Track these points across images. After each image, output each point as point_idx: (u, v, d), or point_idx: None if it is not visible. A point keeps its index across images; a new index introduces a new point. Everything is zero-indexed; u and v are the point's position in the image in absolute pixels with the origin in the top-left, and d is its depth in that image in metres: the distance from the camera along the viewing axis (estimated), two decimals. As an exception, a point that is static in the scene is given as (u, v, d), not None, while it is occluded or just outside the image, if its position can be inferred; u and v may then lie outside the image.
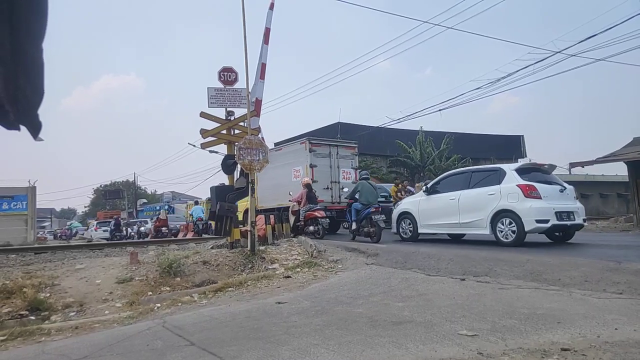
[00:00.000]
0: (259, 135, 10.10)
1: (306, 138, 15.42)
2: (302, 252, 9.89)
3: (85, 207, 78.53)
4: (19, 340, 5.36)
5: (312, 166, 14.56)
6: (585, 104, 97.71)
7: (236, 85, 10.56)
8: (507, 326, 4.14)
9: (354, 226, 11.68)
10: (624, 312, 4.42)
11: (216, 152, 15.17)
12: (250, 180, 9.36)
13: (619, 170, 23.32)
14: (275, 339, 4.25)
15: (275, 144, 18.38)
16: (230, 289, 7.37)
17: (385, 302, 5.50)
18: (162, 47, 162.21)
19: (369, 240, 10.95)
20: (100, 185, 69.84)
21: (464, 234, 10.62)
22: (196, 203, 30.75)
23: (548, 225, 8.64)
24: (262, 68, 10.62)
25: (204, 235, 18.89)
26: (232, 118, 10.61)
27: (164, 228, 24.29)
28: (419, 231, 10.79)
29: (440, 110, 23.05)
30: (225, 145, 10.65)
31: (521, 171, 9.28)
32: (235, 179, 10.48)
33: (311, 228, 12.56)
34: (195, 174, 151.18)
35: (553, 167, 10.23)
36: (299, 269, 8.39)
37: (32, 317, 6.41)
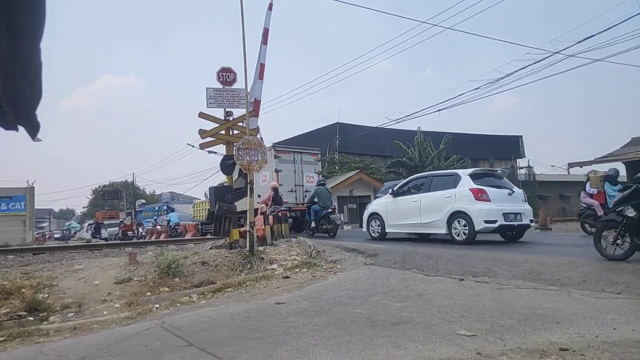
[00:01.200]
0: (258, 136, 10.08)
1: (272, 145, 16.61)
2: (300, 252, 9.89)
3: (83, 207, 78.41)
4: (17, 341, 5.35)
5: (277, 171, 15.90)
6: (584, 104, 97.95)
7: (235, 86, 10.56)
8: (505, 326, 4.15)
9: (313, 224, 13.80)
10: (622, 312, 4.43)
11: (215, 153, 15.19)
12: (248, 181, 9.36)
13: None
14: (274, 340, 4.25)
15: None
16: (229, 289, 7.37)
17: (384, 303, 5.50)
18: (161, 48, 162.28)
19: (326, 236, 12.91)
20: (99, 186, 69.74)
21: (430, 234, 11.34)
22: (172, 210, 34.25)
23: (496, 225, 9.50)
24: (261, 68, 10.60)
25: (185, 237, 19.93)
26: (231, 118, 10.60)
27: (129, 232, 28.22)
28: (387, 230, 11.59)
29: (439, 110, 23.07)
30: (224, 146, 10.64)
31: (474, 176, 10.19)
32: (234, 179, 10.47)
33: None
34: (194, 175, 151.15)
35: (505, 172, 11.52)
36: (297, 270, 8.39)
37: (31, 318, 6.39)
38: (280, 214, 13.23)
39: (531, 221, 10.46)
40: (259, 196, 14.95)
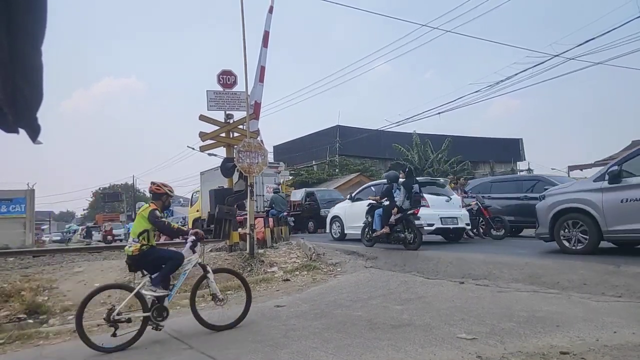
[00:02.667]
0: (258, 138, 10.08)
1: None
2: (301, 255, 9.87)
3: (84, 210, 78.42)
4: (16, 343, 5.34)
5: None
6: (584, 107, 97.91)
7: (235, 88, 10.58)
8: (506, 329, 4.14)
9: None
10: (622, 315, 4.42)
11: (215, 155, 15.33)
12: (249, 184, 9.35)
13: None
14: (274, 342, 4.24)
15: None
16: (229, 292, 7.34)
17: (384, 305, 5.49)
18: (161, 50, 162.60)
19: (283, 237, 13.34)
20: (99, 188, 69.76)
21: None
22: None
23: (433, 227, 10.44)
24: (262, 71, 10.62)
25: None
26: (231, 121, 10.61)
27: (109, 237, 32.60)
28: (345, 232, 12.58)
29: (439, 113, 23.08)
30: (224, 148, 10.65)
31: (422, 185, 10.83)
32: (234, 181, 10.47)
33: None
34: (194, 177, 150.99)
35: (447, 181, 12.77)
36: (297, 272, 8.38)
37: (30, 321, 6.38)
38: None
39: (467, 225, 11.30)
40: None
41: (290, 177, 28.98)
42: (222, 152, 11.12)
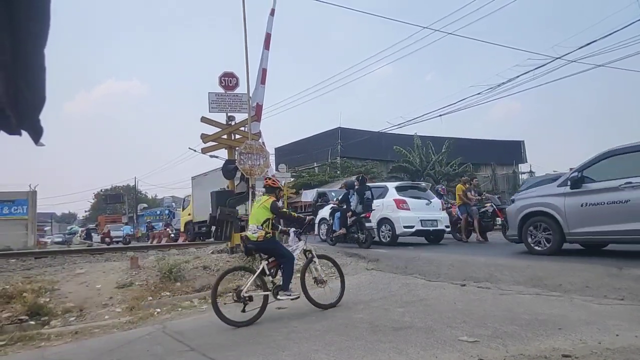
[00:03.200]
0: (260, 140, 10.09)
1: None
2: (302, 257, 9.85)
3: (85, 211, 78.54)
4: (18, 345, 5.35)
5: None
6: (586, 109, 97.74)
7: (237, 90, 10.58)
8: (508, 332, 4.13)
9: None
10: (625, 318, 4.41)
11: (217, 157, 15.44)
12: (250, 185, 9.36)
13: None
14: (276, 344, 4.24)
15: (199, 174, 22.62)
16: (230, 294, 7.35)
17: (386, 308, 5.48)
18: (164, 52, 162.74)
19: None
20: (101, 190, 69.88)
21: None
22: (126, 224, 39.19)
23: (413, 229, 11.12)
24: (263, 73, 10.63)
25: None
26: (233, 123, 10.62)
27: (107, 239, 32.66)
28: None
29: (440, 115, 23.08)
30: (226, 150, 10.66)
31: (400, 189, 12.04)
32: (235, 183, 10.48)
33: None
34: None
35: (428, 184, 13.97)
36: (299, 274, 8.36)
37: (32, 322, 6.39)
38: None
39: (447, 227, 11.95)
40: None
41: (292, 179, 28.99)
42: (223, 154, 11.13)
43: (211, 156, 13.24)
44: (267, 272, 5.48)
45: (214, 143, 10.51)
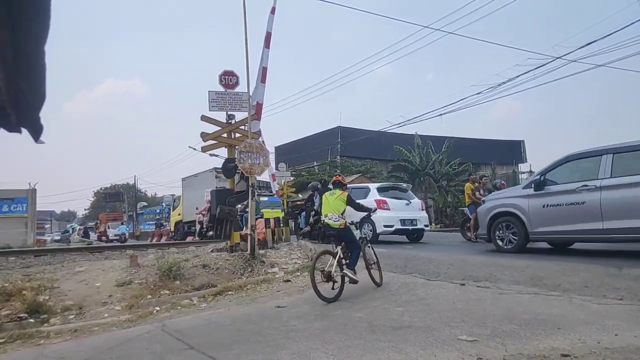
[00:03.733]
0: (260, 139, 10.09)
1: (213, 168, 20.29)
2: (302, 256, 9.88)
3: (85, 209, 78.52)
4: (17, 343, 5.35)
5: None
6: (586, 109, 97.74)
7: (237, 89, 10.57)
8: (507, 331, 4.13)
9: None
10: (624, 318, 4.41)
11: (216, 156, 15.50)
12: (250, 184, 9.36)
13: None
14: (275, 343, 4.24)
15: (184, 177, 24.05)
16: (229, 292, 7.36)
17: (385, 307, 5.49)
18: (164, 51, 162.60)
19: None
20: (101, 188, 69.86)
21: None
22: (121, 224, 40.93)
23: (393, 229, 11.82)
24: (263, 72, 10.63)
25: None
26: (233, 121, 10.61)
27: (103, 237, 34.43)
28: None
29: (441, 114, 23.10)
30: (226, 149, 10.65)
31: (381, 189, 12.72)
32: (235, 182, 10.48)
33: (210, 233, 16.18)
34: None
35: (409, 185, 14.54)
36: (298, 273, 8.38)
37: (31, 320, 6.39)
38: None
39: (425, 226, 12.81)
40: (197, 208, 19.28)
41: (292, 178, 28.99)
42: (223, 152, 11.13)
43: (211, 155, 13.28)
44: (342, 256, 6.32)
45: (213, 142, 10.51)
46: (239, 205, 15.79)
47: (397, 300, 5.85)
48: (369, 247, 7.06)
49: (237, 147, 9.53)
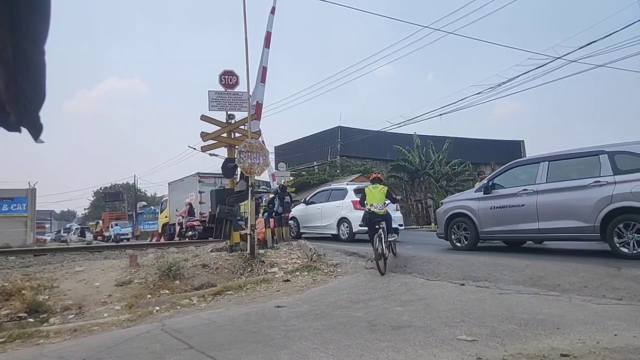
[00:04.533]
0: (260, 139, 10.10)
1: (197, 173, 22.24)
2: (301, 255, 9.88)
3: (85, 209, 78.45)
4: (17, 342, 5.35)
5: (200, 192, 21.00)
6: (586, 109, 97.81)
7: (237, 89, 10.57)
8: (506, 331, 4.14)
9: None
10: (623, 318, 4.41)
11: (216, 156, 15.54)
12: (250, 184, 9.36)
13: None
14: (274, 343, 4.24)
15: (170, 182, 25.74)
16: (229, 292, 7.36)
17: (385, 307, 5.49)
18: (163, 50, 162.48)
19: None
20: (100, 188, 69.75)
21: (327, 234, 13.80)
22: (115, 224, 40.08)
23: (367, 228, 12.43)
24: (263, 71, 10.64)
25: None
26: (233, 121, 10.61)
27: (99, 237, 34.92)
28: (301, 231, 14.55)
29: (441, 114, 23.09)
30: (226, 149, 10.65)
31: (357, 191, 12.76)
32: (235, 182, 10.48)
33: (189, 233, 18.69)
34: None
35: (385, 187, 15.19)
36: (298, 273, 8.38)
37: (31, 320, 6.39)
38: (195, 224, 18.68)
39: (400, 225, 13.24)
40: (177, 210, 20.91)
41: (292, 178, 28.97)
42: (223, 152, 11.13)
43: (211, 154, 13.24)
44: (383, 234, 7.82)
45: (213, 141, 10.51)
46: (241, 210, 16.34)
47: (396, 299, 5.85)
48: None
49: (237, 146, 9.53)
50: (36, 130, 1.41)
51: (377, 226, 8.03)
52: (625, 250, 6.99)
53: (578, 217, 7.46)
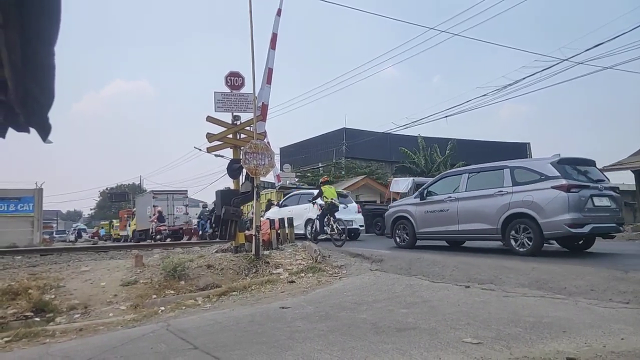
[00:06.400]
0: (265, 140, 10.10)
1: (151, 191, 30.28)
2: (306, 257, 9.88)
3: (91, 209, 78.81)
4: (23, 341, 5.38)
5: (154, 206, 25.64)
6: (592, 112, 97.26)
7: (243, 90, 10.59)
8: (512, 334, 4.12)
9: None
10: (630, 321, 4.38)
11: (222, 156, 15.74)
12: (255, 185, 9.37)
13: (626, 179, 23.18)
14: (279, 344, 4.24)
15: (156, 191, 29.80)
16: (234, 293, 7.37)
17: (390, 309, 5.48)
18: (169, 52, 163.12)
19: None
20: (106, 188, 70.05)
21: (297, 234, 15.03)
22: (101, 227, 46.96)
23: None
24: (269, 73, 10.65)
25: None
26: (238, 122, 10.63)
27: (95, 237, 38.51)
28: None
29: (446, 116, 23.05)
30: (231, 150, 10.68)
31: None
32: (240, 183, 10.50)
33: (158, 237, 22.87)
34: (201, 178, 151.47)
35: (349, 192, 18.20)
36: (303, 274, 8.38)
37: (37, 319, 6.43)
38: (161, 228, 23.51)
39: (360, 226, 15.58)
40: (150, 217, 25.18)
41: (297, 179, 29.02)
42: (228, 153, 11.15)
43: (216, 155, 13.32)
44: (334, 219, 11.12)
45: (219, 142, 10.53)
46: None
47: (401, 302, 5.83)
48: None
49: (242, 147, 9.55)
50: (45, 131, 1.42)
51: (334, 213, 11.39)
52: (518, 248, 8.46)
53: (486, 221, 8.94)
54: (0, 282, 7.59)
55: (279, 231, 12.29)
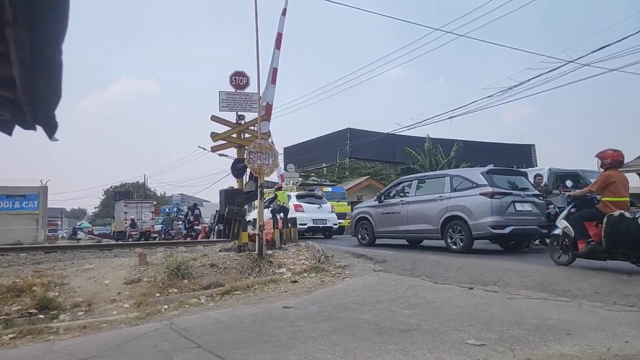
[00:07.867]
0: (269, 140, 10.12)
1: (123, 199, 34.56)
2: (309, 257, 9.88)
3: (95, 207, 79.09)
4: (27, 338, 5.41)
5: (125, 212, 31.35)
6: (598, 113, 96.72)
7: (247, 90, 10.61)
8: (515, 336, 4.11)
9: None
10: (634, 325, 4.36)
11: (226, 156, 15.86)
12: (259, 185, 9.38)
13: (633, 182, 23.04)
14: (282, 344, 4.25)
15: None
16: (237, 292, 7.38)
17: (393, 309, 5.47)
18: (176, 52, 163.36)
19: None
20: (111, 187, 70.23)
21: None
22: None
23: (306, 226, 15.50)
24: (274, 73, 10.68)
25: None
26: (243, 122, 10.65)
27: (91, 235, 40.72)
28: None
29: (451, 117, 22.96)
30: (235, 149, 10.69)
31: (300, 196, 16.73)
32: (244, 182, 10.52)
33: (130, 240, 25.73)
34: (205, 177, 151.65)
35: (323, 194, 18.79)
36: (306, 274, 8.39)
37: (41, 316, 6.45)
38: (133, 233, 28.66)
39: (334, 224, 16.65)
40: (125, 221, 29.95)
41: (300, 179, 29.04)
42: (233, 152, 11.18)
43: (220, 155, 13.37)
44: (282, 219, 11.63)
45: (223, 142, 10.55)
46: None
47: (404, 302, 5.83)
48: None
49: (246, 147, 9.57)
50: (51, 129, 1.43)
51: (282, 214, 12.48)
52: (453, 246, 9.64)
53: (429, 222, 10.14)
54: (4, 279, 7.63)
55: (282, 231, 12.31)
